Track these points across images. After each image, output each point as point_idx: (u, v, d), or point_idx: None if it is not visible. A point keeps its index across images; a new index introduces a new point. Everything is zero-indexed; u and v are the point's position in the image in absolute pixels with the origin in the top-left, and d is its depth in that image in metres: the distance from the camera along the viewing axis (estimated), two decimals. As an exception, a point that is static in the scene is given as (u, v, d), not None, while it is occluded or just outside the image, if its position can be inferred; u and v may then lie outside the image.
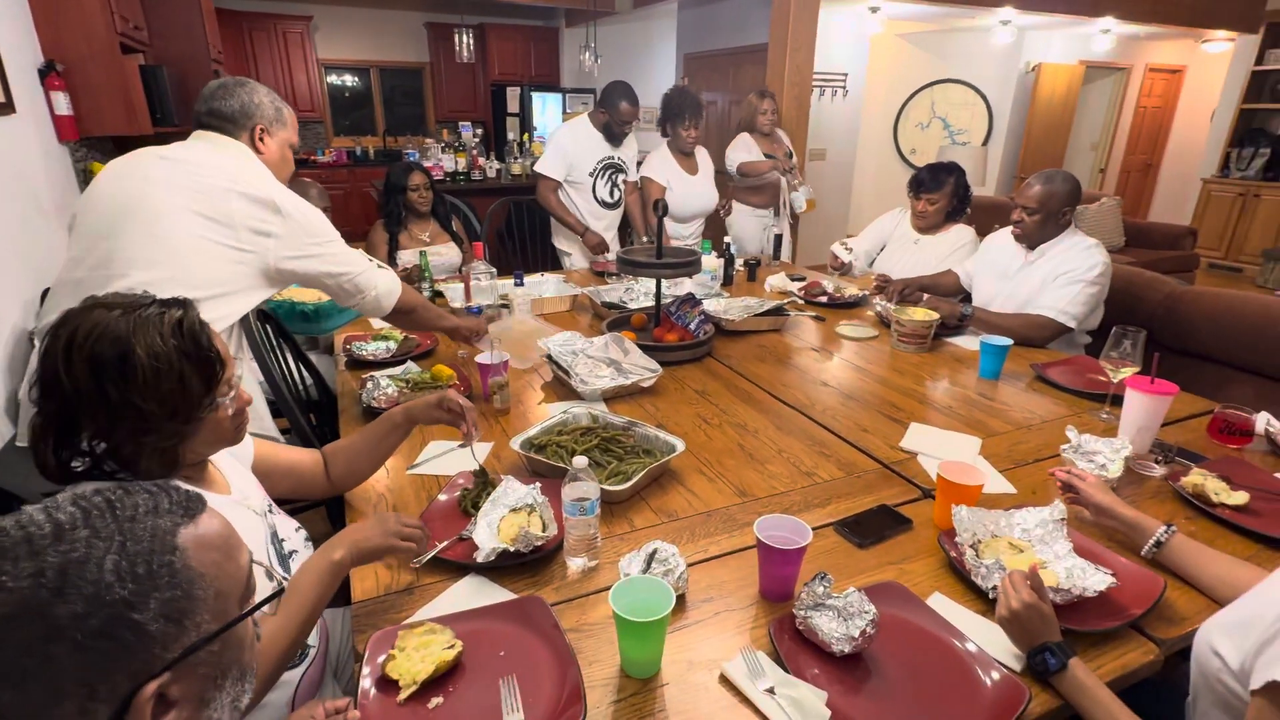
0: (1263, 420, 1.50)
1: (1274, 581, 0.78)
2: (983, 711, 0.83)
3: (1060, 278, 2.07)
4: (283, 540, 1.05)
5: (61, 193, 2.51)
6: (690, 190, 3.20)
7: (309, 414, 1.78)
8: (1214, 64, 7.16)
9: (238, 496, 1.00)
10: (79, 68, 2.63)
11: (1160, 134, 7.97)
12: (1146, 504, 1.28)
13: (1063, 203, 2.07)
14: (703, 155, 3.31)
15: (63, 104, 2.54)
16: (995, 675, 0.88)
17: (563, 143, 3.11)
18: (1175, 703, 0.93)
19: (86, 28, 2.62)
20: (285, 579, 0.96)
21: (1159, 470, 1.37)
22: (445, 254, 3.06)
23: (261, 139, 1.64)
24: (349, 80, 7.42)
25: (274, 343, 1.76)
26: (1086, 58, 6.88)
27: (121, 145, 3.76)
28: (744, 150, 3.51)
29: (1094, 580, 0.98)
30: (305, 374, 1.94)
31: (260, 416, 1.67)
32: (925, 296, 2.31)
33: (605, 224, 3.24)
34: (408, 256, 2.94)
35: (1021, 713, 0.82)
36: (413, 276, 2.61)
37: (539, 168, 3.14)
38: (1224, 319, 2.17)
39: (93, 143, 2.99)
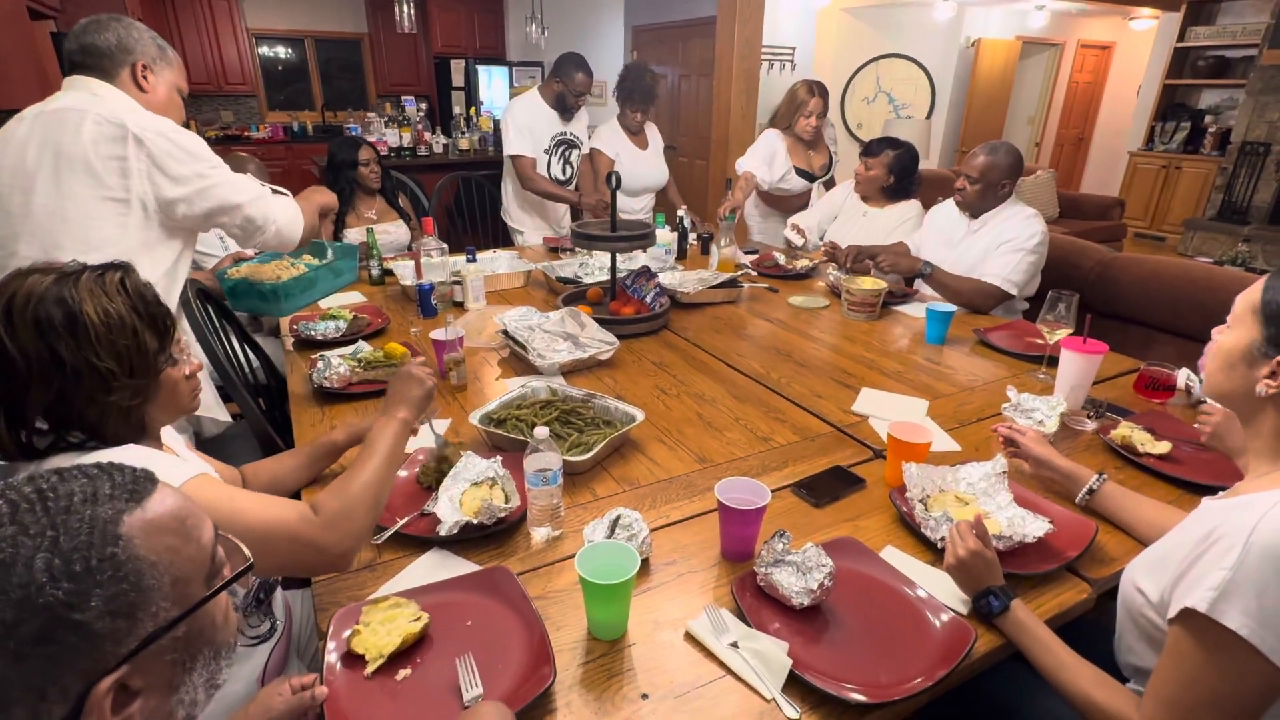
0: (1183, 376, 1.60)
1: (1189, 522, 0.84)
2: (933, 652, 0.88)
3: (1002, 246, 2.15)
4: None
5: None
6: (638, 164, 3.17)
7: (257, 398, 1.73)
8: (1140, 41, 7.46)
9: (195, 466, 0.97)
10: (-19, 34, 2.44)
11: (1091, 108, 8.29)
12: (1080, 456, 1.35)
13: (1003, 174, 2.14)
14: (653, 130, 3.26)
15: (-34, 73, 2.36)
16: (944, 618, 0.92)
17: (521, 119, 3.01)
18: (1107, 638, 1.00)
19: (-12, -10, 2.43)
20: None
21: (1091, 424, 1.46)
22: (394, 232, 2.97)
23: (144, 77, 1.47)
24: (282, 52, 7.06)
25: (217, 324, 1.69)
26: (1023, 34, 7.08)
27: (35, 119, 3.51)
28: (759, 159, 3.06)
29: (1033, 527, 1.04)
30: (251, 356, 1.88)
31: (205, 392, 1.61)
32: (877, 260, 2.34)
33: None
34: (354, 236, 2.84)
35: (968, 652, 0.86)
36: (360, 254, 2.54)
37: (511, 150, 3.01)
38: (1149, 284, 2.29)
39: (3, 116, 2.78)
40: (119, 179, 1.37)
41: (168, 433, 1.00)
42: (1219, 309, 0.93)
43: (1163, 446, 1.33)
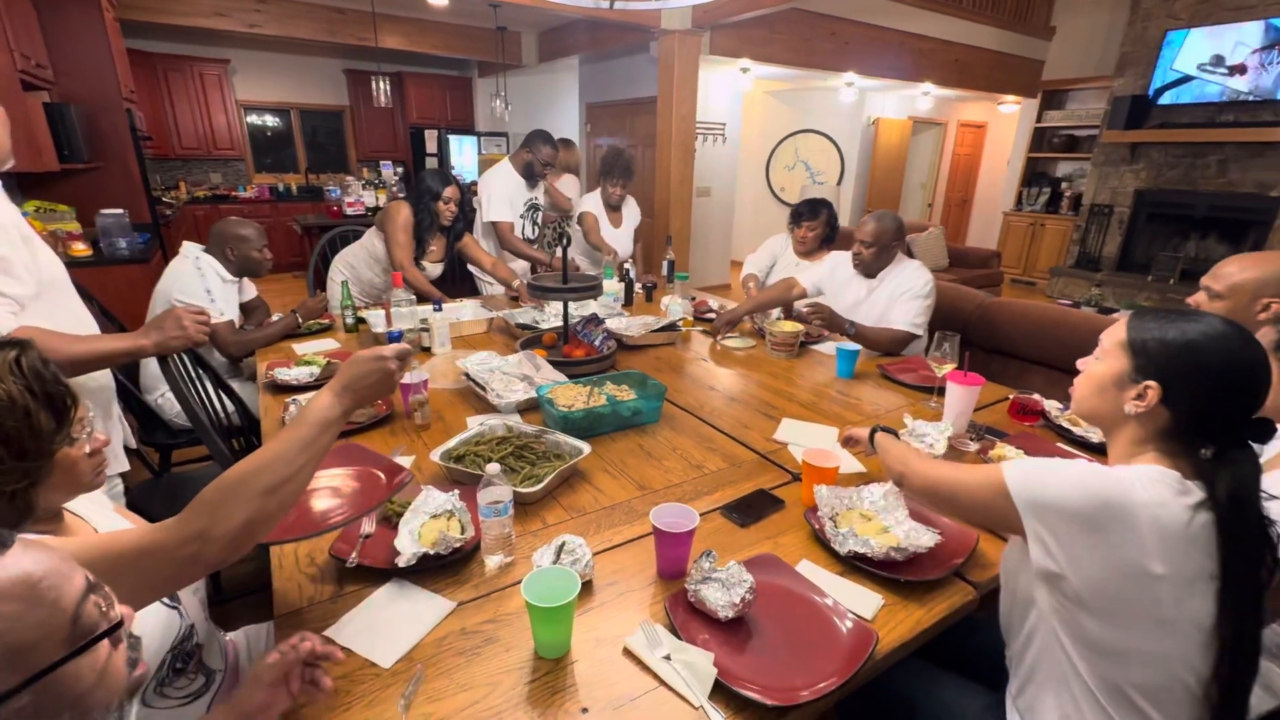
0: (1052, 405, 1.69)
1: None
2: (842, 654, 0.88)
3: (902, 295, 2.22)
4: None
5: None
6: (607, 237, 3.24)
7: (231, 440, 1.65)
8: (1007, 121, 8.01)
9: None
10: (-26, 104, 2.33)
11: (971, 176, 8.81)
12: (965, 474, 1.40)
13: (891, 237, 2.23)
14: (630, 208, 3.32)
15: (-44, 140, 2.23)
16: (850, 623, 0.93)
17: (501, 189, 3.07)
18: (992, 633, 1.02)
19: (-18, 64, 2.33)
20: (175, 605, 0.86)
21: (973, 445, 1.51)
22: (430, 269, 2.78)
23: None
24: (270, 120, 6.96)
25: (193, 373, 1.62)
26: (913, 114, 7.52)
27: (26, 181, 3.35)
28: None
29: (926, 539, 1.07)
30: (226, 401, 1.80)
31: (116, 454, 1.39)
32: (812, 321, 2.30)
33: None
34: (431, 268, 2.69)
35: (872, 652, 0.87)
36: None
37: (493, 217, 3.05)
38: (1019, 323, 2.42)
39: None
40: None
41: (81, 502, 0.87)
42: (1075, 343, 1.00)
43: (1032, 463, 1.39)
